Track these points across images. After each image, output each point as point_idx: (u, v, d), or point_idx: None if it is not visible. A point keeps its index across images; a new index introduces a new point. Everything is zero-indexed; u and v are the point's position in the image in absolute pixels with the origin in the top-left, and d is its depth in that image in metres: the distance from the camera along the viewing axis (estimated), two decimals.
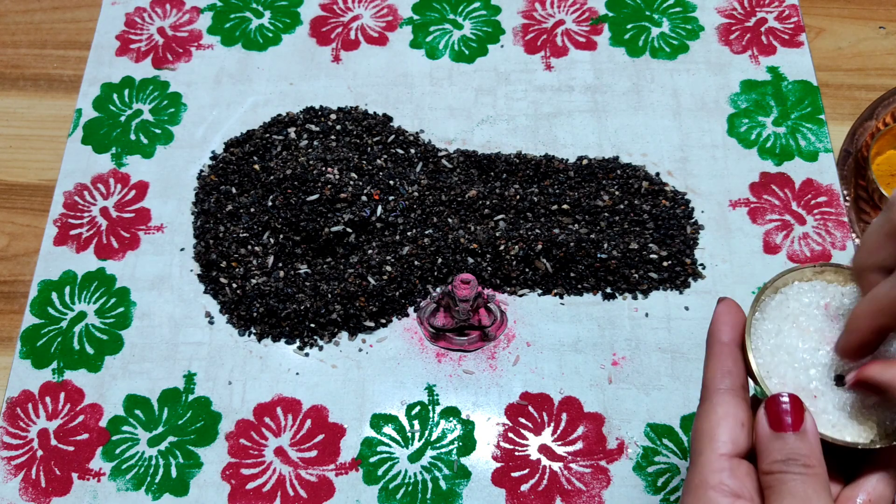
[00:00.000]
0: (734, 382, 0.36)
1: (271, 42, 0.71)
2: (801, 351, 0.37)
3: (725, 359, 0.36)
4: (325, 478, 0.54)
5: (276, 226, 0.59)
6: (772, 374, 0.36)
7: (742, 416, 0.35)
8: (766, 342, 0.37)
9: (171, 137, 0.66)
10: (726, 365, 0.36)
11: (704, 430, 0.35)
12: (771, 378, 0.36)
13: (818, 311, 0.38)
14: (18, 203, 0.64)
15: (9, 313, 0.60)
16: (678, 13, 0.71)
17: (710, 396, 0.36)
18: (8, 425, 0.55)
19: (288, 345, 0.58)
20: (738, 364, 0.36)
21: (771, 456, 0.33)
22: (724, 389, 0.36)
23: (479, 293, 0.55)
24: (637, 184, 0.62)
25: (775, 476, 0.33)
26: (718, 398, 0.35)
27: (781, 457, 0.33)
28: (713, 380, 0.36)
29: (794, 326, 0.38)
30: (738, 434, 0.34)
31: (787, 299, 0.38)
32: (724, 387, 0.36)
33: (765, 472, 0.33)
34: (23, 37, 0.72)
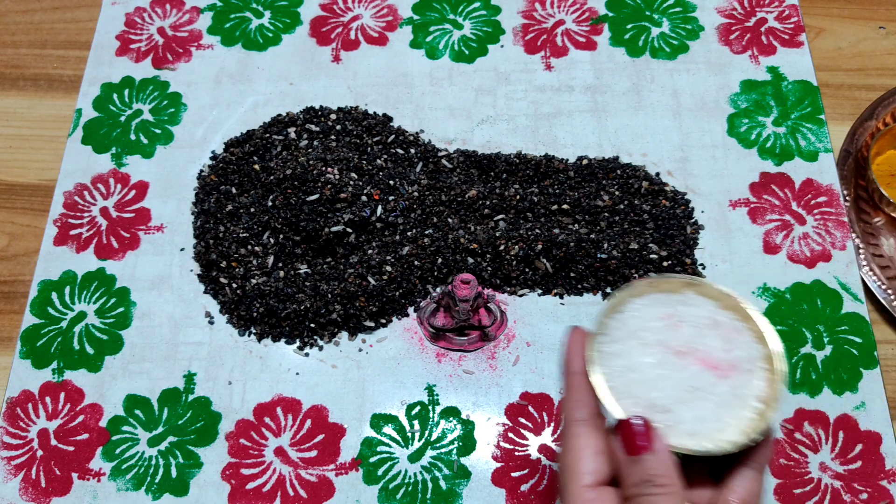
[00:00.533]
0: (589, 412, 0.37)
1: (271, 42, 0.71)
2: (647, 367, 0.37)
3: (578, 389, 0.37)
4: (325, 478, 0.54)
5: (276, 226, 0.59)
6: (624, 395, 0.37)
7: (599, 444, 0.36)
8: (614, 364, 0.37)
9: (171, 137, 0.66)
10: (579, 395, 0.37)
11: (566, 464, 0.36)
12: (624, 399, 0.37)
13: (658, 322, 0.38)
14: (18, 203, 0.64)
15: (9, 313, 0.60)
16: (678, 13, 0.71)
17: (567, 429, 0.37)
18: (8, 425, 0.55)
19: (288, 345, 0.58)
20: (589, 392, 0.37)
21: (628, 480, 0.34)
22: (579, 420, 0.36)
23: (479, 293, 0.55)
24: (637, 184, 0.62)
25: (634, 501, 0.34)
26: (574, 430, 0.36)
27: (637, 479, 0.34)
28: (569, 412, 0.37)
29: (637, 343, 0.38)
30: (596, 463, 0.35)
31: (627, 318, 0.39)
32: (579, 417, 0.37)
33: (626, 497, 0.34)
34: (23, 37, 0.72)
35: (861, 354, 0.57)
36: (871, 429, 0.54)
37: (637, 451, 0.34)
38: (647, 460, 0.34)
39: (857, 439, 0.54)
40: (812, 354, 0.57)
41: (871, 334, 0.57)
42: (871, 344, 0.57)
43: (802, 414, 0.55)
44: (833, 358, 0.56)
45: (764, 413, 0.36)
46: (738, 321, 0.39)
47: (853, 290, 0.59)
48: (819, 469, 0.53)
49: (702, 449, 0.35)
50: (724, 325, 0.38)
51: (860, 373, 0.56)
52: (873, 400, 0.55)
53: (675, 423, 0.36)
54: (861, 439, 0.54)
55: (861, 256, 0.60)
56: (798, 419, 0.55)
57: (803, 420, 0.54)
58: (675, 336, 0.38)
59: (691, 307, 0.39)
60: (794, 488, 0.52)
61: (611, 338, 0.38)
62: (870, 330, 0.57)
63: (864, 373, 0.56)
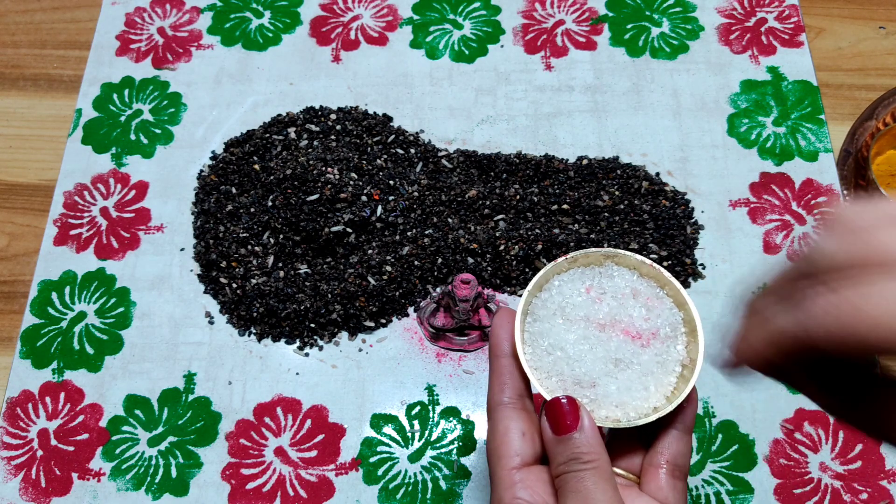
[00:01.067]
0: (512, 394, 0.37)
1: (271, 42, 0.71)
2: (571, 343, 0.37)
3: (501, 372, 0.37)
4: (325, 478, 0.54)
5: (276, 226, 0.59)
6: (551, 374, 0.37)
7: (522, 426, 0.36)
8: (540, 343, 0.38)
9: (171, 137, 0.66)
10: (503, 378, 0.37)
11: (491, 448, 0.36)
12: (552, 378, 0.37)
13: (581, 297, 0.39)
14: (18, 203, 0.64)
15: (9, 313, 0.60)
16: (678, 13, 0.71)
17: (491, 413, 0.37)
18: (8, 425, 0.55)
19: (288, 345, 0.58)
20: (513, 375, 0.37)
21: (556, 459, 0.35)
22: (503, 403, 0.37)
23: (479, 293, 0.55)
24: (637, 184, 0.62)
25: (561, 478, 0.34)
26: (498, 414, 0.36)
27: (564, 458, 0.34)
28: (492, 396, 0.37)
29: (562, 320, 0.38)
30: (521, 445, 0.35)
31: (551, 295, 0.39)
32: (504, 400, 0.37)
33: (554, 476, 0.35)
34: (23, 37, 0.72)
35: None
36: None
37: (564, 430, 0.35)
38: (573, 438, 0.34)
39: (857, 439, 0.54)
40: None
41: None
42: None
43: (802, 414, 0.55)
44: None
45: (686, 377, 0.37)
46: (658, 289, 0.39)
47: None
48: (819, 469, 0.53)
49: (627, 420, 0.36)
50: (643, 294, 0.39)
51: None
52: None
53: (601, 396, 0.37)
54: (861, 439, 0.54)
55: None
56: (798, 419, 0.55)
57: (803, 420, 0.54)
58: (597, 309, 0.38)
59: (612, 278, 0.39)
60: (794, 488, 0.52)
61: (535, 317, 0.39)
62: None
63: None
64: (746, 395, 0.55)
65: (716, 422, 0.55)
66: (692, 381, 0.36)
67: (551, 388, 0.37)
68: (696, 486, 0.53)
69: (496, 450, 0.36)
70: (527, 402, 0.37)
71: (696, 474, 0.53)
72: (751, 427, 0.54)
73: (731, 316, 0.33)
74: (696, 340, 0.38)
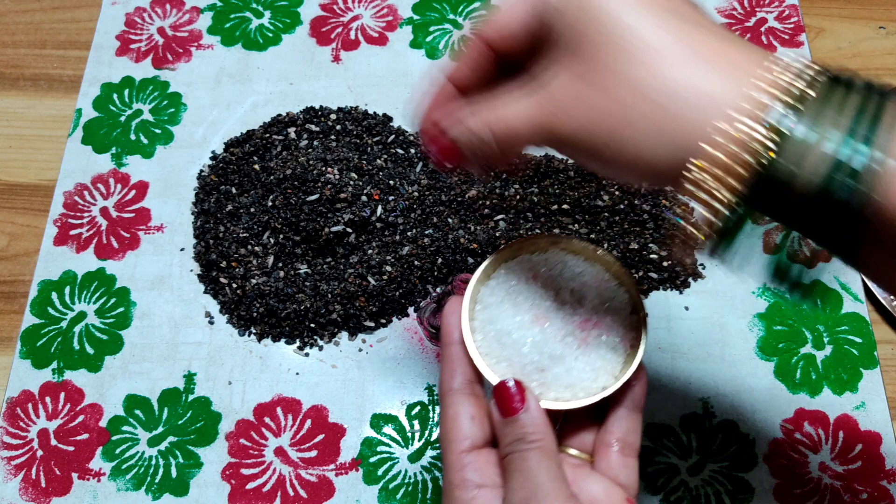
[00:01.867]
0: (462, 380, 0.38)
1: (271, 42, 0.71)
2: (519, 328, 0.38)
3: (451, 359, 0.38)
4: (325, 478, 0.54)
5: (276, 226, 0.59)
6: (501, 360, 0.38)
7: (471, 410, 0.37)
8: (488, 331, 0.38)
9: (171, 137, 0.66)
10: (453, 365, 0.38)
11: (442, 434, 0.37)
12: (501, 363, 0.38)
13: (527, 284, 0.39)
14: (18, 203, 0.64)
15: (9, 313, 0.60)
16: None
17: (442, 399, 0.38)
18: (8, 425, 0.55)
19: (288, 345, 0.58)
20: (462, 361, 0.38)
21: (503, 441, 0.35)
22: (453, 389, 0.37)
23: None
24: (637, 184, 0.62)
25: (507, 458, 0.35)
26: (448, 400, 0.37)
27: (510, 439, 0.35)
28: (443, 382, 0.38)
29: (510, 306, 0.39)
30: (470, 428, 0.36)
31: (498, 283, 0.40)
32: (454, 387, 0.37)
33: (501, 457, 0.35)
34: (23, 37, 0.72)
35: (861, 354, 0.57)
36: (871, 429, 0.54)
37: (510, 412, 0.35)
38: (518, 419, 0.35)
39: (857, 439, 0.54)
40: (812, 354, 0.57)
41: (871, 334, 0.57)
42: (871, 344, 0.57)
43: (802, 414, 0.55)
44: (833, 358, 0.56)
45: (633, 355, 0.38)
46: (602, 272, 0.40)
47: (853, 290, 0.59)
48: (819, 469, 0.53)
49: (576, 401, 0.37)
50: (589, 277, 0.40)
51: (860, 373, 0.56)
52: (873, 400, 0.55)
53: (550, 379, 0.37)
54: (861, 439, 0.54)
55: None
56: (798, 419, 0.55)
57: (803, 420, 0.54)
58: (544, 294, 0.39)
59: (557, 264, 0.40)
60: (794, 488, 0.52)
61: (484, 304, 0.39)
62: (870, 330, 0.57)
63: (864, 373, 0.56)
64: (746, 394, 0.55)
65: (716, 422, 0.55)
66: (637, 358, 0.37)
67: (501, 372, 0.38)
68: (696, 486, 0.53)
69: (446, 434, 0.36)
70: (476, 387, 0.38)
71: (696, 474, 0.53)
72: (751, 427, 0.54)
73: None
74: (641, 320, 0.39)
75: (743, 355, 0.57)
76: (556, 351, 0.38)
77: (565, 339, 0.38)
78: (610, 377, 0.38)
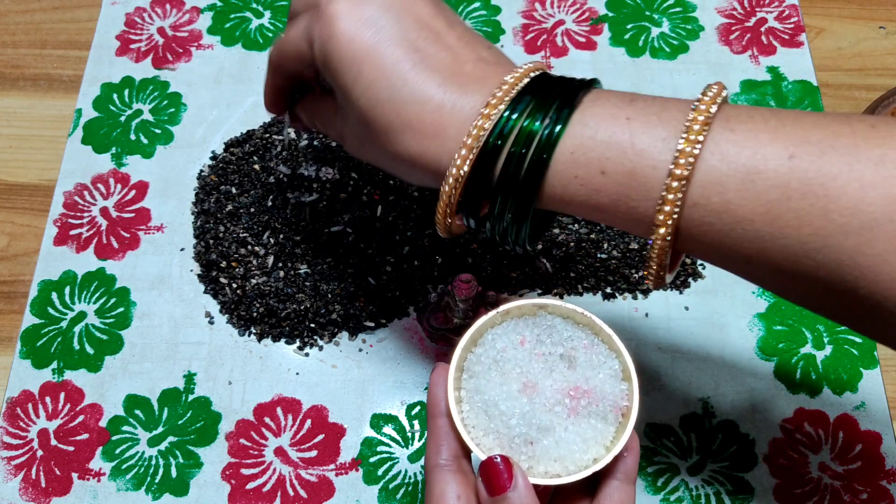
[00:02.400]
0: (448, 455, 0.37)
1: (271, 42, 0.71)
2: (506, 399, 0.37)
3: (437, 433, 0.37)
4: (325, 478, 0.54)
5: (276, 226, 0.59)
6: (489, 432, 0.37)
7: (458, 489, 0.36)
8: (475, 402, 0.37)
9: (171, 137, 0.66)
10: (438, 440, 0.37)
11: None
12: (489, 435, 0.37)
13: (515, 350, 0.38)
14: (18, 203, 0.64)
15: (9, 313, 0.60)
16: (678, 13, 0.71)
17: (427, 475, 0.37)
18: (8, 425, 0.55)
19: (288, 345, 0.58)
20: (449, 435, 0.37)
21: None
22: (439, 466, 0.36)
23: (479, 293, 0.55)
24: None
25: None
26: (434, 477, 0.36)
27: None
28: (429, 457, 0.37)
29: (497, 375, 0.37)
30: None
31: (485, 350, 0.38)
32: (439, 462, 0.37)
33: None
34: (23, 37, 0.72)
35: (861, 354, 0.57)
36: (871, 429, 0.54)
37: (498, 490, 0.34)
38: (507, 498, 0.34)
39: (857, 439, 0.54)
40: (812, 354, 0.57)
41: None
42: (871, 344, 0.57)
43: (802, 414, 0.55)
44: (833, 358, 0.56)
45: (624, 425, 0.36)
46: (593, 336, 0.39)
47: None
48: (819, 469, 0.53)
49: (567, 474, 0.35)
50: (578, 342, 0.38)
51: (860, 373, 0.56)
52: (873, 400, 0.55)
53: (539, 453, 0.36)
54: (861, 439, 0.54)
55: None
56: (798, 419, 0.55)
57: (803, 420, 0.54)
58: (532, 361, 0.38)
59: (546, 328, 0.39)
60: (794, 488, 0.53)
61: (471, 373, 0.38)
62: None
63: (864, 373, 0.56)
64: (746, 394, 0.55)
65: (716, 422, 0.55)
66: (628, 428, 0.36)
67: (489, 446, 0.36)
68: (696, 486, 0.53)
69: None
70: (463, 463, 0.37)
71: (697, 474, 0.53)
72: (751, 427, 0.54)
73: None
74: (631, 388, 0.37)
75: (743, 355, 0.57)
76: (545, 422, 0.36)
77: (554, 408, 0.36)
78: (601, 448, 0.36)
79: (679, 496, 0.52)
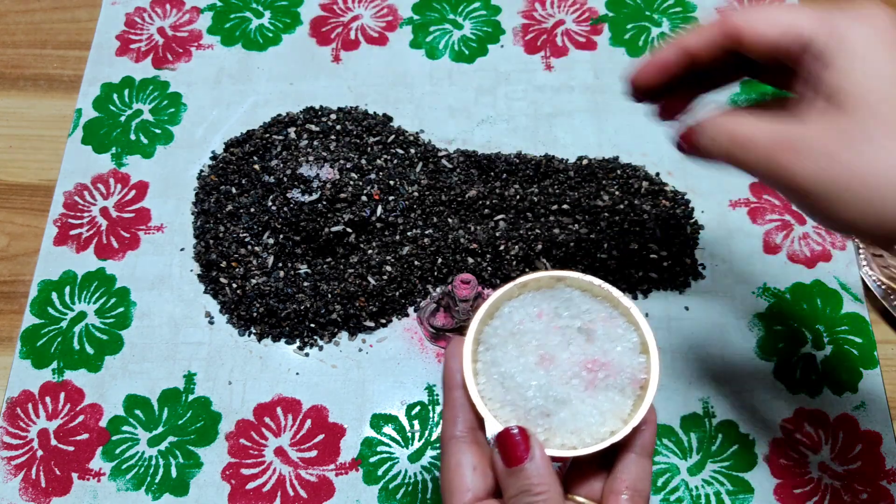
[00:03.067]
0: (464, 427, 0.36)
1: (271, 42, 0.71)
2: (523, 371, 0.36)
3: (453, 405, 0.37)
4: (325, 478, 0.54)
5: (276, 226, 0.59)
6: (505, 404, 0.36)
7: (474, 460, 0.36)
8: (492, 374, 0.37)
9: (171, 137, 0.66)
10: (455, 411, 0.37)
11: (443, 483, 0.36)
12: (505, 407, 0.36)
13: (532, 322, 0.38)
14: (18, 203, 0.64)
15: (9, 313, 0.60)
16: (678, 13, 0.71)
17: (443, 447, 0.37)
18: (8, 425, 0.55)
19: (288, 345, 0.58)
20: (465, 407, 0.37)
21: (507, 493, 0.34)
22: (455, 437, 0.36)
23: (479, 293, 0.55)
24: (637, 184, 0.62)
25: None
26: (450, 448, 0.36)
27: (515, 491, 0.34)
28: (445, 429, 0.37)
29: (514, 347, 0.37)
30: (474, 479, 0.35)
31: (502, 322, 0.38)
32: (455, 434, 0.36)
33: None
34: (23, 37, 0.72)
35: (861, 354, 0.57)
36: (870, 429, 0.54)
37: (514, 461, 0.34)
38: (523, 470, 0.34)
39: (856, 439, 0.54)
40: (812, 354, 0.57)
41: (871, 334, 0.57)
42: (871, 344, 0.57)
43: (802, 414, 0.55)
44: (833, 358, 0.56)
45: (641, 398, 0.36)
46: (611, 309, 0.38)
47: (853, 290, 0.59)
48: (819, 469, 0.53)
49: (583, 446, 0.35)
50: (596, 315, 0.38)
51: (860, 373, 0.56)
52: (873, 400, 0.55)
53: (556, 425, 0.36)
54: (861, 439, 0.54)
55: (861, 256, 0.60)
56: (798, 419, 0.55)
57: (803, 420, 0.54)
58: (549, 334, 0.37)
59: (564, 301, 0.38)
60: (794, 488, 0.53)
61: (488, 345, 0.38)
62: (870, 330, 0.57)
63: (864, 373, 0.56)
64: (746, 394, 0.55)
65: (716, 422, 0.55)
66: (647, 401, 0.36)
67: (505, 418, 0.36)
68: (696, 486, 0.53)
69: (448, 485, 0.35)
70: (479, 434, 0.37)
71: (696, 474, 0.53)
72: (751, 427, 0.54)
73: None
74: (649, 361, 0.37)
75: (743, 355, 0.57)
76: (562, 394, 0.36)
77: (571, 381, 0.36)
78: (618, 421, 0.36)
79: (679, 496, 0.52)
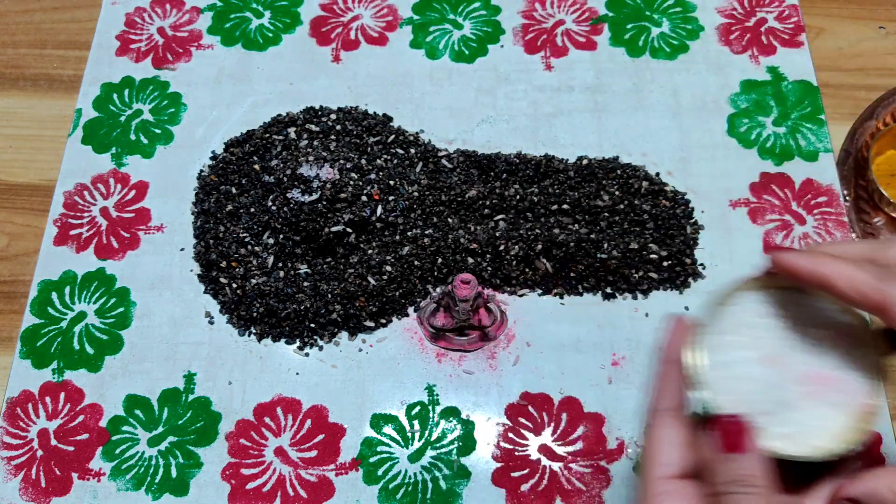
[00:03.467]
0: (673, 402, 0.36)
1: (271, 42, 0.71)
2: (747, 365, 0.36)
3: (667, 378, 0.37)
4: (325, 478, 0.54)
5: (276, 226, 0.59)
6: (721, 391, 0.36)
7: (682, 436, 0.35)
8: (714, 358, 0.37)
9: (171, 137, 0.66)
10: (668, 384, 0.37)
11: (647, 452, 0.36)
12: (720, 395, 0.36)
13: (762, 319, 0.37)
14: (18, 203, 0.64)
15: (9, 313, 0.60)
16: (678, 13, 0.71)
17: (652, 418, 0.36)
18: (8, 425, 0.55)
19: (288, 345, 0.58)
20: (678, 384, 0.37)
21: (717, 477, 0.34)
22: (665, 409, 0.36)
23: (479, 293, 0.55)
24: (637, 184, 0.62)
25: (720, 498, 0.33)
26: (657, 419, 0.36)
27: (727, 478, 0.33)
28: (658, 400, 0.37)
29: (739, 339, 0.37)
30: (676, 455, 0.35)
31: (732, 312, 0.38)
32: (665, 406, 0.36)
33: (711, 493, 0.34)
34: (23, 37, 0.72)
35: None
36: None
37: (733, 448, 0.33)
38: (740, 459, 0.33)
39: None
40: None
41: None
42: None
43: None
44: None
45: (861, 423, 0.35)
46: (847, 324, 0.37)
47: None
48: None
49: (800, 453, 0.34)
50: (831, 328, 0.37)
51: None
52: None
53: (770, 425, 0.35)
54: None
55: None
56: None
57: None
58: (778, 336, 0.37)
59: (799, 307, 0.38)
60: None
61: (713, 330, 0.37)
62: None
63: None
64: None
65: None
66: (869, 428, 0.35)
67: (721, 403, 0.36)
68: None
69: (650, 455, 0.35)
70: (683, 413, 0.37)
71: None
72: None
73: None
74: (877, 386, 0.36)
75: None
76: (784, 397, 0.35)
77: (793, 388, 0.35)
78: (832, 439, 0.35)
79: None
